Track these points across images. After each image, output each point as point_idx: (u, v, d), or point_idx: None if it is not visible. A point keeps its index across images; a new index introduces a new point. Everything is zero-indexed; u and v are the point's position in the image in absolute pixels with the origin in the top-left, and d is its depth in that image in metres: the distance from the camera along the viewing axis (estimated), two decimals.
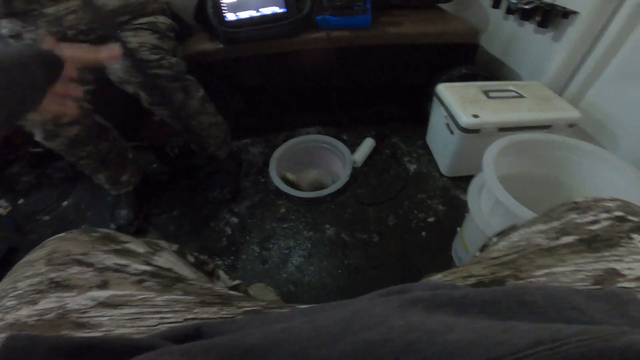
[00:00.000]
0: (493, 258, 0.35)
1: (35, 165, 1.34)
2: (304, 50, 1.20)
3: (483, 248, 0.48)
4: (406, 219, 1.08)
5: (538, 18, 1.07)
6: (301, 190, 1.20)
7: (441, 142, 1.19)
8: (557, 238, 0.33)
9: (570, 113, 0.96)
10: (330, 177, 1.34)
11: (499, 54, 1.34)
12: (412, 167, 1.26)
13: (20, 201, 1.25)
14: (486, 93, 1.06)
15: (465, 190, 1.04)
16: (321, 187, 1.23)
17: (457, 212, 1.09)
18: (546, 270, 0.30)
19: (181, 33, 1.06)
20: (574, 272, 0.29)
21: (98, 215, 1.19)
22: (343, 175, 1.21)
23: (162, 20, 0.97)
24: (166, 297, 0.33)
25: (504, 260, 0.34)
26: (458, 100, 1.02)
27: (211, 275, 0.53)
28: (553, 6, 1.01)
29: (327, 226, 1.07)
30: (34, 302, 0.29)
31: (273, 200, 1.18)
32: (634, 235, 0.30)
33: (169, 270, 0.39)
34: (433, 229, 1.04)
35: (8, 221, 1.17)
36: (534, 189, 0.84)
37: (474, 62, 1.29)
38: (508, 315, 0.22)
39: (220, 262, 1.01)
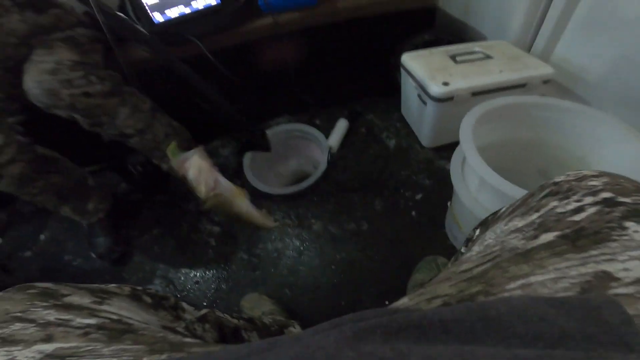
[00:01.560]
0: (463, 271, 0.31)
1: (1, 204, 1.27)
2: (253, 40, 1.11)
3: (467, 242, 0.44)
4: (393, 200, 1.04)
5: None
6: (284, 182, 1.15)
7: (416, 114, 1.14)
8: (535, 237, 0.28)
9: (543, 69, 0.92)
10: (312, 165, 1.29)
11: (460, 15, 1.27)
12: (391, 143, 1.22)
13: None
14: (453, 58, 1.01)
15: (450, 159, 1.01)
16: (305, 176, 1.18)
17: (445, 184, 1.05)
18: (522, 281, 0.26)
19: (116, 40, 0.97)
20: (555, 280, 0.25)
21: (78, 246, 1.13)
22: (321, 163, 1.15)
23: (82, 32, 0.88)
24: (114, 347, 0.32)
25: (474, 274, 0.30)
26: (425, 69, 0.97)
27: (175, 309, 0.49)
28: None
29: (313, 221, 1.03)
30: None
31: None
32: (628, 224, 0.25)
33: (118, 321, 0.37)
34: (423, 207, 1.01)
35: None
36: (521, 154, 0.81)
37: (434, 26, 1.23)
38: (472, 334, 0.20)
39: (211, 275, 0.97)
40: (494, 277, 0.28)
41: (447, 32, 1.21)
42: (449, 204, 0.91)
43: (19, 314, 0.33)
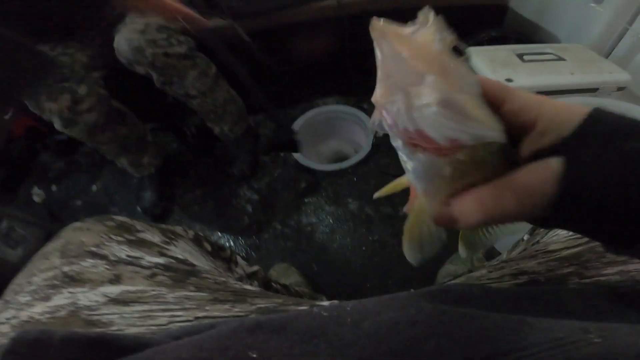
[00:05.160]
0: (550, 251, 0.31)
1: (63, 153, 1.38)
2: (314, 20, 1.12)
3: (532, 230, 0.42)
4: None
5: None
6: (324, 161, 1.15)
7: None
8: None
9: (619, 75, 0.87)
10: (352, 148, 1.28)
11: (532, 16, 1.21)
12: None
13: (53, 188, 1.29)
14: (520, 56, 0.96)
15: None
16: (343, 158, 1.17)
17: None
18: (620, 268, 0.25)
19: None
20: None
21: (126, 199, 1.21)
22: (364, 145, 1.15)
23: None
24: (178, 293, 0.32)
25: (564, 255, 0.29)
26: (487, 64, 0.93)
27: (229, 261, 0.51)
28: None
29: (350, 200, 1.04)
30: (47, 298, 0.29)
31: (293, 175, 1.15)
32: None
33: (184, 261, 0.38)
34: None
35: (43, 209, 1.22)
36: None
37: (503, 24, 1.20)
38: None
39: (243, 241, 1.01)
40: (588, 260, 0.28)
41: (517, 31, 1.16)
42: None
43: (93, 249, 0.34)
